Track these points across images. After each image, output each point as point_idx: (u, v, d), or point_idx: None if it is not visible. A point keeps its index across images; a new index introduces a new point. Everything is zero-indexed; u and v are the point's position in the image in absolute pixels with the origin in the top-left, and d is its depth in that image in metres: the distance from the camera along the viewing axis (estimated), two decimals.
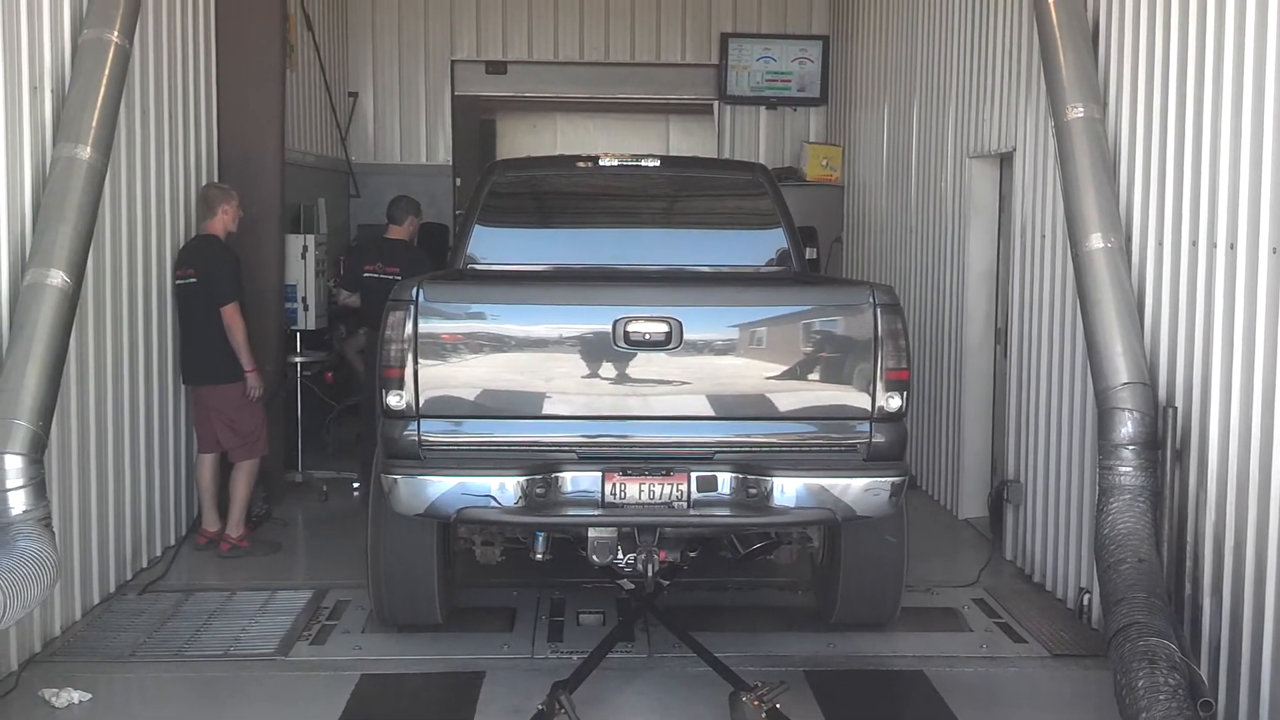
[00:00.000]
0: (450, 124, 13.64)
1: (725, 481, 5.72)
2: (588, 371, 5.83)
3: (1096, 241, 6.10)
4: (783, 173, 12.33)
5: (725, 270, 7.30)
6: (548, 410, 5.86)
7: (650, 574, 5.83)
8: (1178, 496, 5.76)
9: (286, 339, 9.47)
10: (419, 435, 5.76)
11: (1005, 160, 8.43)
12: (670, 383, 5.86)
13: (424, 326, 5.74)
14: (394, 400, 5.75)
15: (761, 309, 6.10)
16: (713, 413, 5.91)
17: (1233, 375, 5.34)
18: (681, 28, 13.56)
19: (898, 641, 6.50)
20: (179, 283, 7.85)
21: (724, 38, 13.45)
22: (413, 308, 5.73)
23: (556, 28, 13.46)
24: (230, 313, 7.71)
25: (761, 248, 7.46)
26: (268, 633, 6.52)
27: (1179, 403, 5.77)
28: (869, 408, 5.83)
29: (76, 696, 5.62)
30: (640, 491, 5.69)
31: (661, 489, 5.69)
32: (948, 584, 7.47)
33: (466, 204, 7.78)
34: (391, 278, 8.17)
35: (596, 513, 5.72)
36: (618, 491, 5.68)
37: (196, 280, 7.76)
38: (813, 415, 5.94)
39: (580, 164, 7.75)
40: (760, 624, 6.79)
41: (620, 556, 5.90)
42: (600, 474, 5.69)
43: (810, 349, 6.03)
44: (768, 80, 13.53)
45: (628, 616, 6.51)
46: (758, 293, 6.55)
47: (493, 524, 6.09)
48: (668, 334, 5.75)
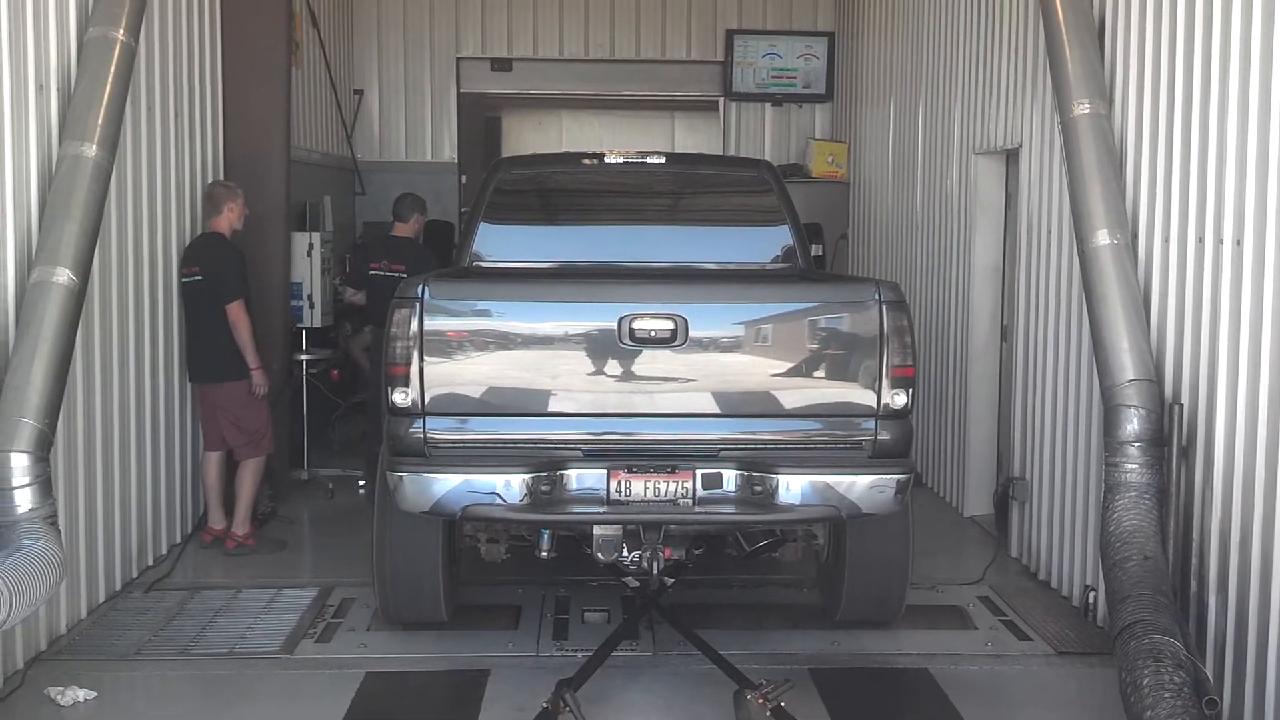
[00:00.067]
0: (456, 121, 13.63)
1: (730, 479, 5.72)
2: (593, 369, 5.83)
3: (1103, 238, 6.09)
4: (788, 169, 12.30)
5: (731, 267, 7.29)
6: (553, 408, 5.86)
7: (655, 572, 5.83)
8: (1183, 493, 5.76)
9: (292, 337, 9.49)
10: (424, 433, 5.76)
11: (1011, 157, 8.41)
12: (675, 380, 5.85)
13: (429, 324, 5.73)
14: (399, 398, 5.74)
15: (767, 306, 6.09)
16: (718, 410, 5.90)
17: (1239, 372, 5.32)
18: (687, 24, 13.54)
19: (903, 639, 6.50)
20: (184, 281, 7.85)
21: (729, 34, 13.43)
22: (418, 305, 5.72)
23: (562, 25, 13.44)
24: (235, 310, 7.71)
25: (767, 245, 7.44)
26: (273, 631, 6.53)
27: (1185, 399, 5.76)
28: (874, 405, 5.82)
29: (82, 695, 5.63)
30: (645, 489, 5.69)
31: (667, 486, 5.69)
32: (953, 582, 7.46)
33: (472, 201, 7.78)
34: (397, 275, 8.17)
35: (601, 510, 5.72)
36: (623, 489, 5.69)
37: (202, 278, 7.77)
38: (818, 412, 5.94)
39: (586, 161, 7.75)
40: (765, 622, 6.79)
41: (625, 554, 5.90)
42: (605, 471, 5.70)
43: (816, 346, 6.02)
44: (773, 77, 13.50)
45: (632, 614, 6.51)
46: (763, 290, 6.53)
47: (498, 521, 6.09)
48: (673, 331, 5.75)
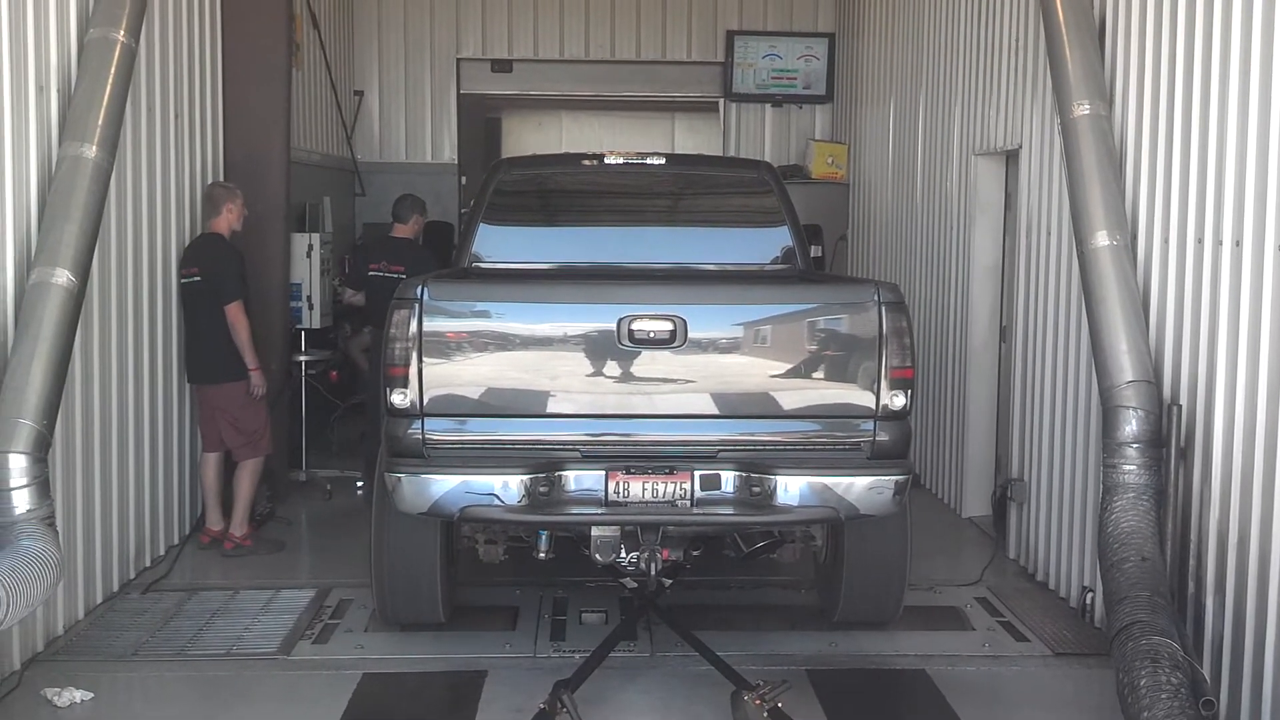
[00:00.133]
0: (456, 122, 13.64)
1: (729, 480, 5.72)
2: (592, 370, 5.82)
3: (1102, 239, 6.09)
4: (788, 170, 12.30)
5: (730, 268, 7.28)
6: (552, 409, 5.86)
7: (653, 573, 5.82)
8: (1181, 495, 5.75)
9: (291, 338, 9.49)
10: (423, 434, 5.76)
11: (1011, 158, 8.41)
12: (674, 381, 5.85)
13: (428, 325, 5.73)
14: (398, 399, 5.74)
15: (766, 307, 6.09)
16: (717, 411, 5.90)
17: (1237, 373, 5.32)
18: (687, 25, 13.54)
19: (900, 640, 6.49)
20: (183, 281, 7.85)
21: (730, 35, 13.43)
22: (417, 306, 5.72)
23: (562, 26, 13.45)
24: (234, 311, 7.71)
25: (766, 246, 7.44)
26: (270, 632, 6.52)
27: (1184, 401, 5.76)
28: (873, 406, 5.82)
29: (79, 696, 5.63)
30: (643, 490, 5.69)
31: (665, 487, 5.69)
32: (951, 582, 7.45)
33: (471, 202, 7.77)
34: (396, 276, 8.16)
35: (600, 511, 5.72)
36: (621, 490, 5.68)
37: (201, 279, 7.76)
38: (817, 414, 5.94)
39: (585, 162, 7.75)
40: (763, 623, 6.78)
41: (623, 555, 5.91)
42: (604, 472, 5.69)
43: (815, 347, 6.02)
44: (773, 78, 13.50)
45: (630, 615, 6.50)
46: (762, 291, 6.53)
47: (496, 523, 6.09)
48: (672, 332, 5.74)
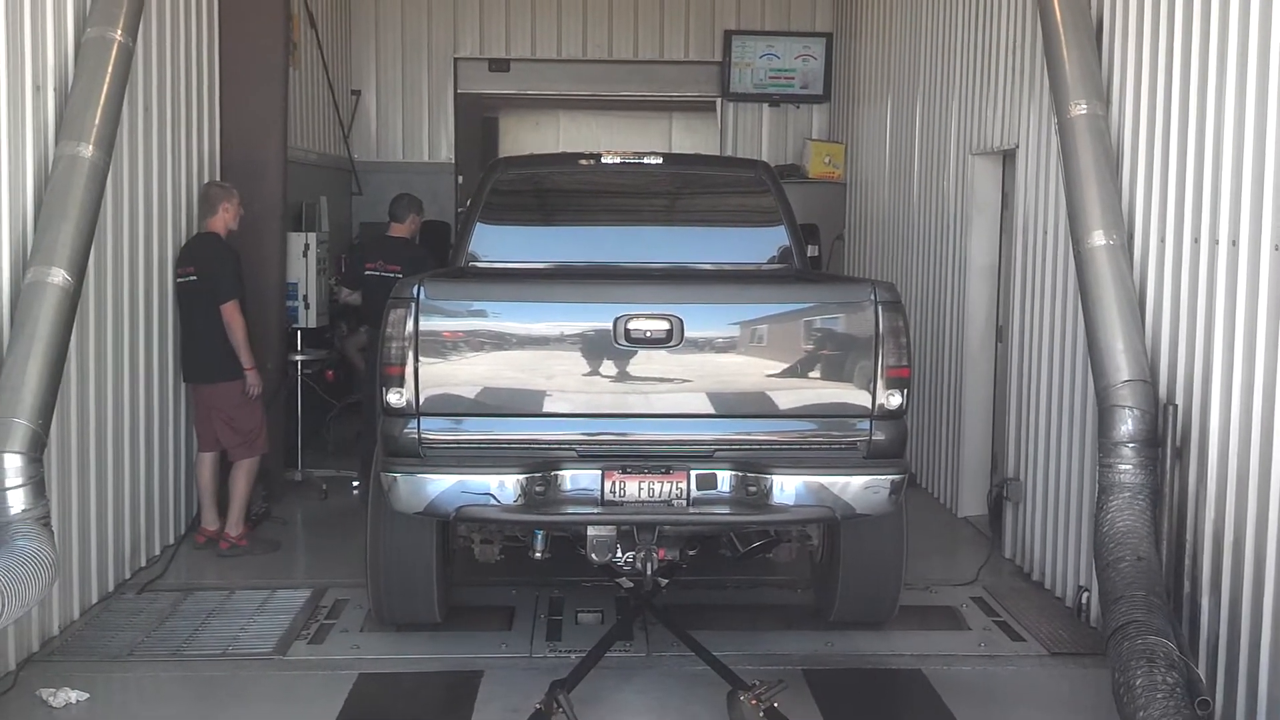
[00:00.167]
0: (453, 122, 13.63)
1: (725, 479, 5.72)
2: (588, 369, 5.82)
3: (1098, 238, 6.09)
4: (785, 170, 12.31)
5: (727, 268, 7.28)
6: (548, 408, 5.85)
7: (649, 572, 5.82)
8: (1177, 494, 5.75)
9: (287, 337, 9.48)
10: (419, 433, 5.75)
11: (1008, 157, 8.41)
12: (671, 380, 5.85)
13: (425, 324, 5.73)
14: (394, 398, 5.74)
15: (763, 307, 6.09)
16: (713, 410, 5.89)
17: (1233, 373, 5.32)
18: (685, 25, 13.54)
19: (896, 640, 6.49)
20: (180, 281, 7.85)
21: (727, 35, 13.43)
22: (414, 305, 5.72)
23: (560, 25, 13.45)
24: (230, 310, 7.70)
25: (763, 245, 7.43)
26: (266, 632, 6.52)
27: (1179, 400, 5.76)
28: (869, 405, 5.81)
29: (74, 696, 5.62)
30: (640, 490, 5.68)
31: (661, 487, 5.69)
32: (947, 582, 7.46)
33: (468, 202, 7.76)
34: (393, 276, 8.14)
35: (596, 511, 5.71)
36: (617, 490, 5.68)
37: (197, 278, 7.76)
38: (813, 413, 5.93)
39: (583, 162, 7.75)
40: (759, 622, 6.78)
41: (619, 555, 5.90)
42: (600, 472, 5.69)
43: (811, 346, 6.02)
44: (771, 77, 13.51)
45: (626, 615, 6.49)
46: (759, 290, 6.53)
47: (492, 522, 6.08)
48: (669, 332, 5.74)
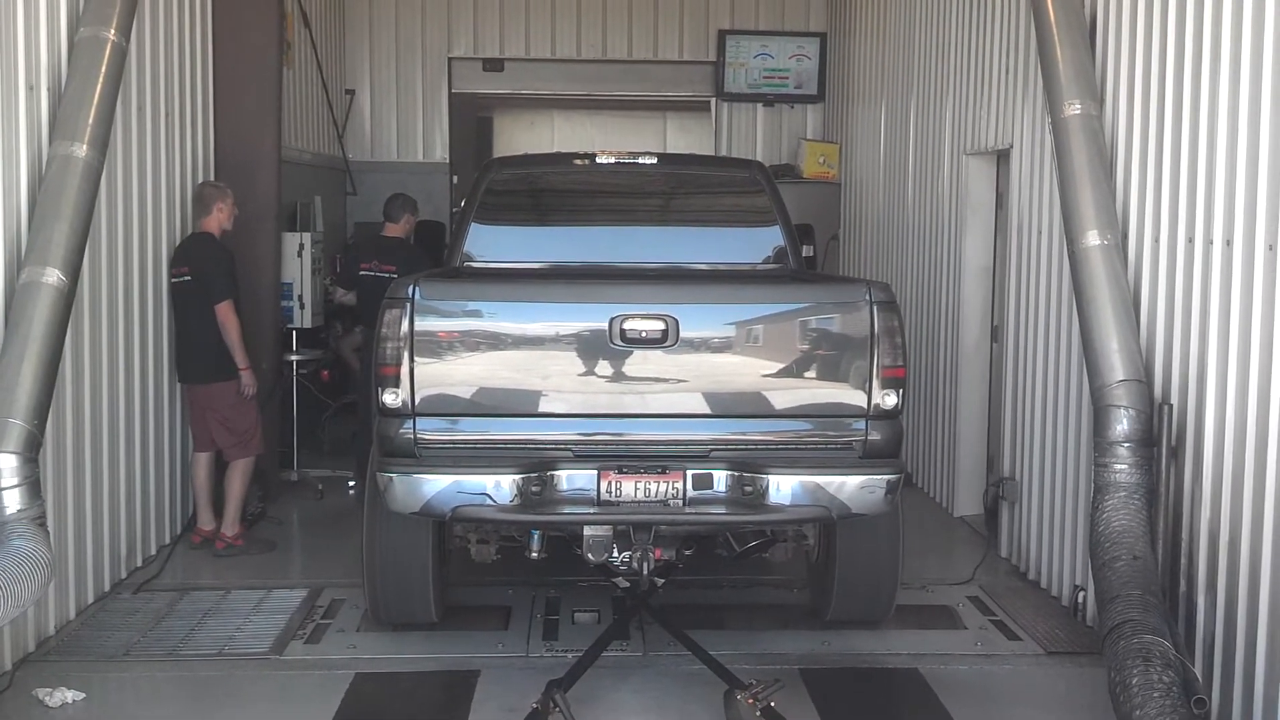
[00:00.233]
0: (447, 121, 13.61)
1: (721, 479, 5.72)
2: (584, 369, 5.82)
3: (1093, 238, 6.10)
4: (780, 170, 12.28)
5: (722, 268, 7.29)
6: (544, 408, 5.86)
7: (645, 572, 5.82)
8: (1173, 493, 5.76)
9: (282, 337, 9.47)
10: (414, 433, 5.75)
11: (1002, 157, 8.42)
12: (666, 380, 5.85)
13: (420, 324, 5.72)
14: (390, 398, 5.74)
15: (758, 307, 6.09)
16: (709, 410, 5.90)
17: (1228, 372, 5.33)
18: (679, 25, 13.54)
19: (892, 639, 6.50)
20: (174, 281, 7.84)
21: (721, 35, 13.43)
22: (409, 306, 5.71)
23: (554, 25, 13.43)
24: (224, 310, 7.70)
25: (758, 245, 7.44)
26: (262, 632, 6.51)
27: (1174, 400, 5.77)
28: (865, 405, 5.82)
29: (70, 696, 5.62)
30: (636, 489, 5.68)
31: (657, 487, 5.69)
32: (943, 581, 7.47)
33: (463, 202, 7.76)
34: (388, 276, 8.16)
35: (592, 511, 5.71)
36: (613, 489, 5.68)
37: (191, 278, 7.75)
38: (809, 413, 5.94)
39: (577, 161, 7.75)
40: (755, 622, 6.79)
41: (616, 555, 5.90)
42: (596, 472, 5.69)
43: (807, 347, 6.02)
44: (765, 77, 13.50)
45: (623, 615, 6.50)
46: (754, 290, 6.53)
47: (488, 522, 6.09)
48: (664, 332, 5.75)
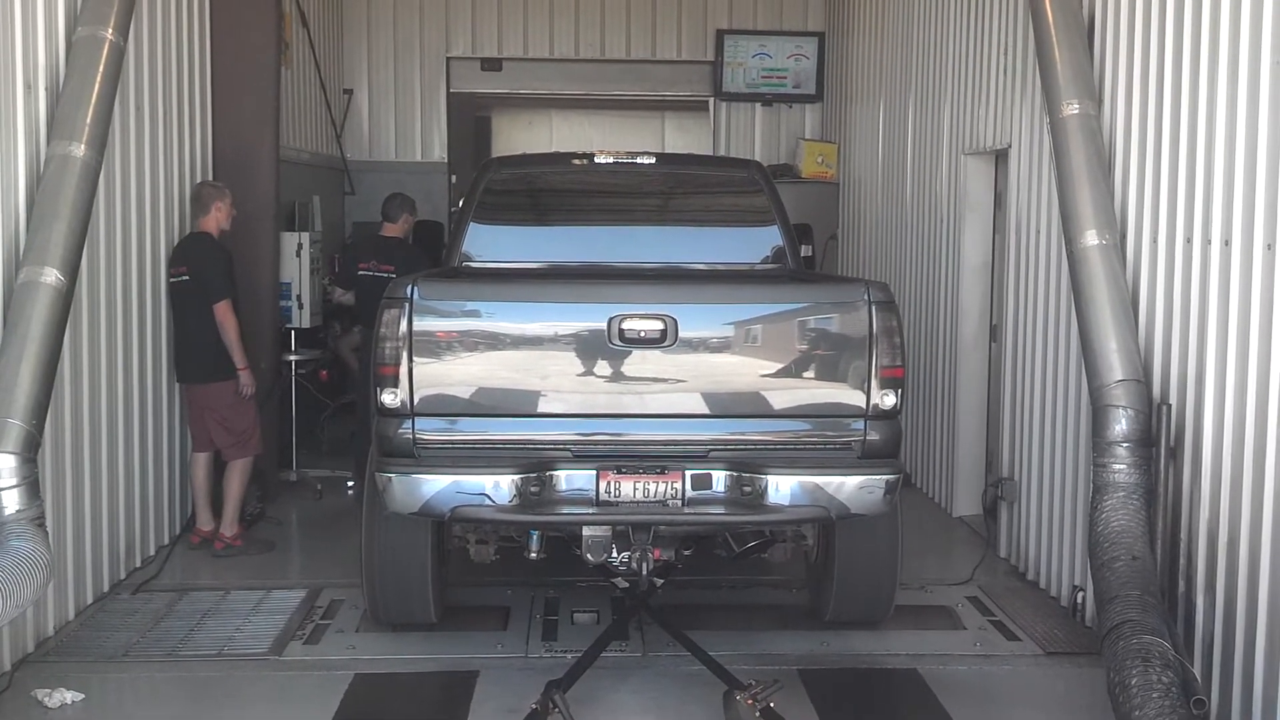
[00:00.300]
0: (445, 121, 13.61)
1: (720, 479, 5.71)
2: (583, 369, 5.82)
3: (1091, 238, 6.10)
4: (778, 170, 12.28)
5: (721, 268, 7.28)
6: (542, 408, 5.85)
7: (644, 572, 5.82)
8: (1171, 494, 5.76)
9: (281, 337, 9.47)
10: (413, 433, 5.75)
11: (1001, 157, 8.42)
12: (665, 380, 5.85)
13: (419, 324, 5.72)
14: (388, 398, 5.74)
15: (757, 306, 6.09)
16: (707, 410, 5.90)
17: (1227, 372, 5.33)
18: (677, 24, 13.53)
19: (891, 640, 6.50)
20: (172, 281, 7.83)
21: (720, 34, 13.42)
22: (407, 305, 5.71)
23: (552, 25, 13.43)
24: (222, 310, 7.70)
25: (757, 245, 7.44)
26: (261, 632, 6.51)
27: (1173, 399, 5.77)
28: (864, 405, 5.82)
29: (69, 697, 5.61)
30: (635, 490, 5.68)
31: (656, 487, 5.68)
32: (942, 582, 7.47)
33: (461, 201, 7.76)
34: (386, 275, 8.15)
35: (591, 511, 5.71)
36: (612, 490, 5.68)
37: (189, 278, 7.74)
38: (807, 413, 5.94)
39: (576, 161, 7.75)
40: (754, 622, 6.78)
41: (615, 555, 5.90)
42: (595, 472, 5.69)
43: (805, 346, 6.02)
44: (763, 77, 13.50)
45: (622, 615, 6.50)
46: (753, 290, 6.53)
47: (487, 523, 6.09)
48: (663, 331, 5.74)
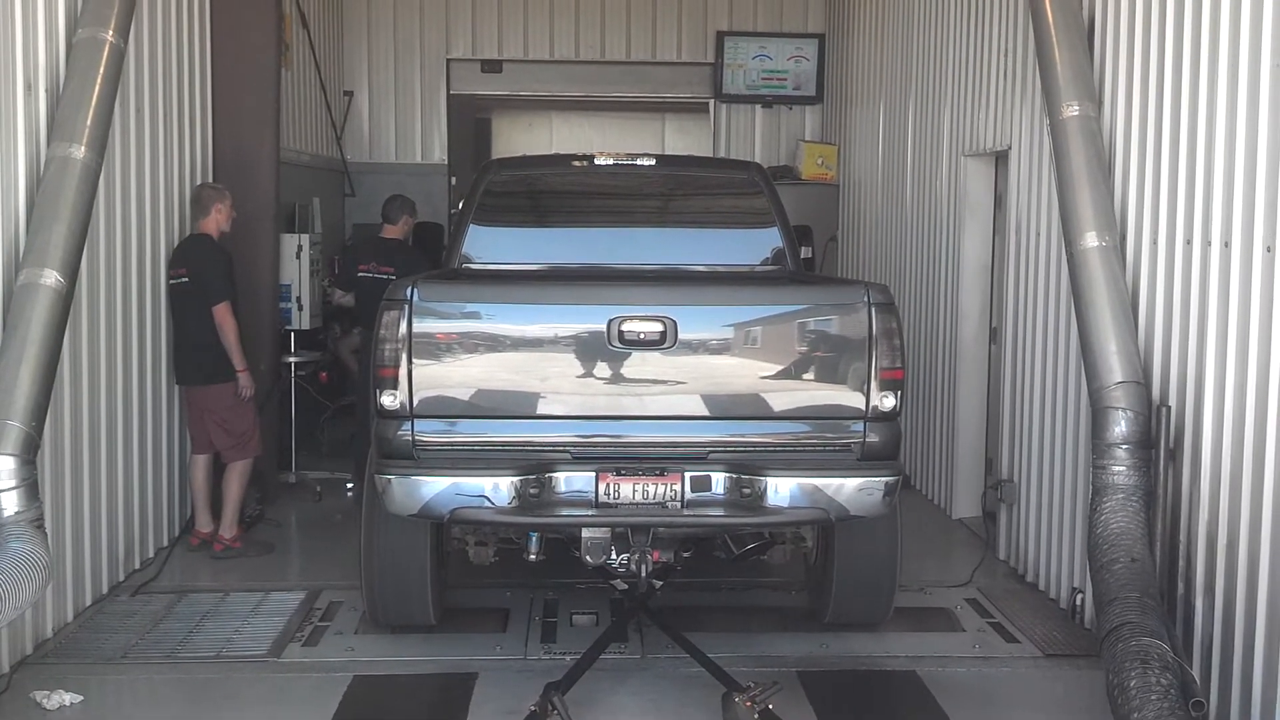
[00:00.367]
0: (445, 123, 13.62)
1: (719, 481, 5.71)
2: (582, 371, 5.82)
3: (1091, 240, 6.10)
4: (778, 171, 12.30)
5: (720, 269, 7.28)
6: (542, 410, 5.85)
7: (643, 574, 5.82)
8: (1171, 496, 5.76)
9: (281, 339, 9.47)
10: (413, 435, 5.75)
11: (1000, 159, 8.42)
12: (664, 382, 5.85)
13: (418, 326, 5.72)
14: (388, 400, 5.73)
15: (756, 308, 6.09)
16: (707, 412, 5.89)
17: (1226, 374, 5.33)
18: (677, 26, 13.54)
19: (891, 641, 6.50)
20: (172, 282, 7.83)
21: (720, 36, 13.43)
22: (407, 307, 5.71)
23: (552, 26, 13.43)
24: (222, 312, 7.69)
25: (757, 247, 7.44)
26: (260, 634, 6.51)
27: (1173, 401, 5.77)
28: (863, 407, 5.82)
29: (68, 698, 5.61)
30: (634, 491, 5.67)
31: (655, 489, 5.68)
32: (941, 584, 7.46)
33: (461, 203, 7.76)
34: (386, 277, 8.15)
35: (590, 513, 5.71)
36: (611, 492, 5.67)
37: (189, 280, 7.74)
38: (807, 415, 5.93)
39: (576, 163, 7.74)
40: (753, 624, 6.78)
41: (614, 557, 5.91)
42: (594, 474, 5.68)
43: (805, 348, 6.02)
44: (763, 79, 13.51)
45: (621, 617, 6.50)
46: (752, 292, 6.53)
47: (486, 524, 6.09)
48: (662, 333, 5.74)
